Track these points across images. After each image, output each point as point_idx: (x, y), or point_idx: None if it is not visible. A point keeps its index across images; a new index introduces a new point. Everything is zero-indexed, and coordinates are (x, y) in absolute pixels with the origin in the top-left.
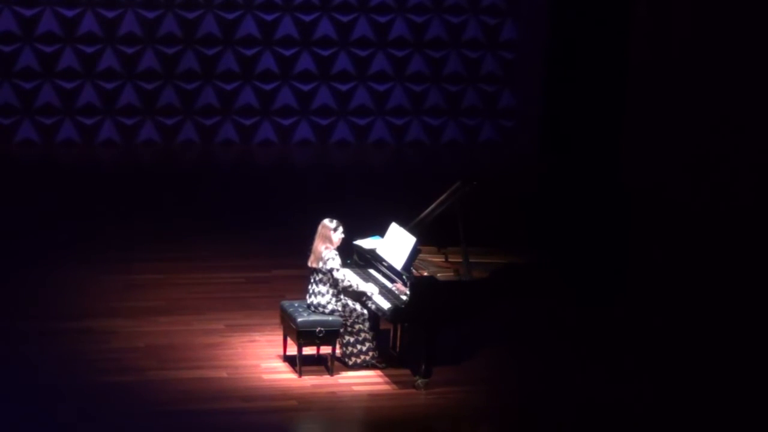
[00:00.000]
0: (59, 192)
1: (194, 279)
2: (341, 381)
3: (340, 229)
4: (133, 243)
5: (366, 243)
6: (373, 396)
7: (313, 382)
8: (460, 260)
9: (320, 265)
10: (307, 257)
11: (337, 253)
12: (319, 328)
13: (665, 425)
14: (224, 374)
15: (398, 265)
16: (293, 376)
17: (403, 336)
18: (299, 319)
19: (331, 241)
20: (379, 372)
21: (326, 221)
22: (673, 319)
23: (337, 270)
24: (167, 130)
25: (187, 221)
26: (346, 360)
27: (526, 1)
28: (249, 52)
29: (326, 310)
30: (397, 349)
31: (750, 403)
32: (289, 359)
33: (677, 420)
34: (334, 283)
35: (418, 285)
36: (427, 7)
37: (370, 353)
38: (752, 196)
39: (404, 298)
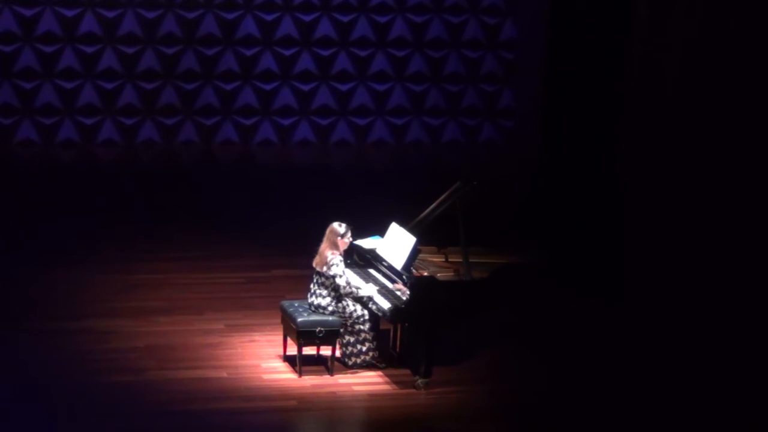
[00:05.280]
0: (59, 192)
1: (194, 279)
2: (341, 381)
3: (349, 234)
4: (133, 243)
5: (366, 243)
6: (373, 396)
7: (313, 382)
8: (460, 260)
9: (324, 269)
10: (310, 256)
11: (341, 259)
12: (319, 328)
13: (666, 424)
14: (224, 374)
15: (398, 265)
16: (293, 376)
17: (403, 336)
18: (299, 319)
19: (337, 247)
20: (379, 372)
21: (336, 226)
22: (671, 317)
23: (340, 276)
24: (167, 130)
25: (187, 221)
26: (346, 360)
27: (526, 1)
28: (249, 52)
29: (326, 311)
30: (397, 349)
31: (750, 401)
32: (289, 359)
33: (678, 419)
34: (336, 288)
35: (418, 285)
36: (427, 7)
37: (370, 353)
38: (750, 194)
39: (403, 297)
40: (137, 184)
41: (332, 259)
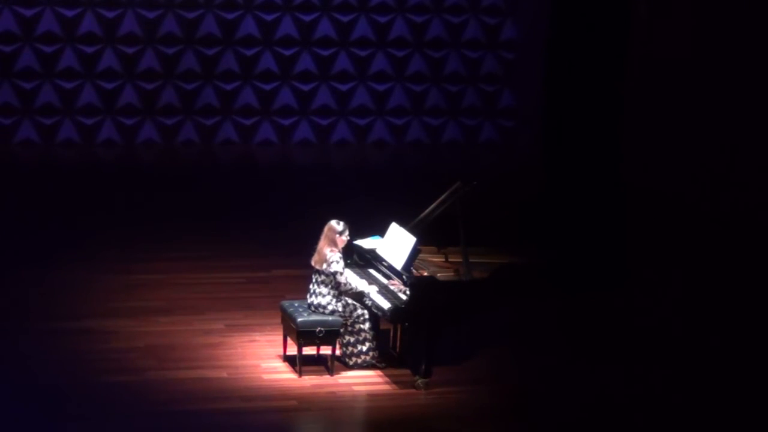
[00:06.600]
0: (59, 192)
1: (194, 279)
2: (341, 381)
3: (347, 232)
4: (133, 243)
5: (366, 243)
6: (373, 396)
7: (313, 382)
8: (460, 260)
9: (324, 266)
10: (310, 256)
11: (341, 256)
12: (319, 328)
13: (665, 424)
14: (224, 374)
15: (398, 265)
16: (293, 376)
17: (403, 336)
18: (299, 319)
19: (336, 244)
20: (379, 372)
21: (333, 223)
22: (672, 316)
23: (341, 273)
24: (167, 130)
25: (187, 221)
26: (346, 360)
27: (526, 1)
28: (249, 52)
29: (326, 311)
30: (397, 349)
31: (750, 400)
32: (289, 359)
33: (677, 419)
34: (336, 286)
35: (418, 285)
36: (427, 7)
37: (371, 353)
38: (750, 193)
39: (404, 297)
40: (137, 184)
41: (331, 257)
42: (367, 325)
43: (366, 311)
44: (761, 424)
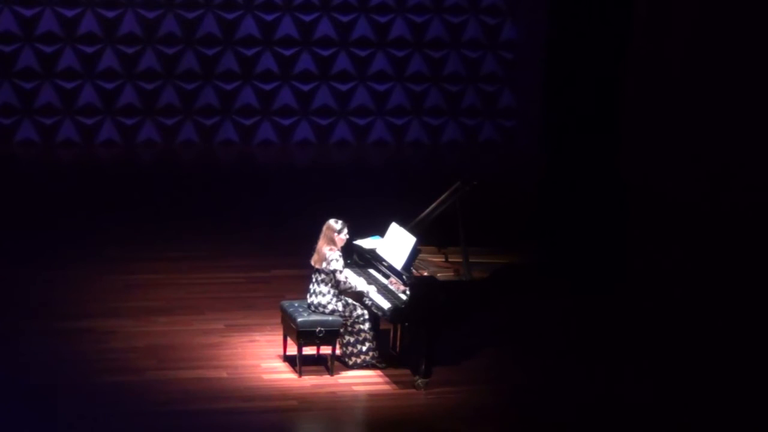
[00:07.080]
0: (59, 192)
1: (194, 279)
2: (341, 381)
3: (345, 230)
4: (133, 243)
5: (366, 243)
6: (373, 396)
7: (313, 382)
8: (460, 260)
9: (323, 265)
10: (310, 255)
11: (340, 254)
12: (319, 328)
13: (665, 424)
14: (224, 374)
15: (398, 265)
16: (293, 376)
17: (403, 336)
18: (299, 319)
19: (334, 243)
20: (379, 372)
21: (332, 222)
22: (672, 315)
23: (340, 272)
24: (167, 130)
25: (187, 221)
26: (346, 360)
27: (526, 1)
28: (249, 52)
29: (326, 310)
30: (397, 349)
31: (749, 399)
32: (289, 359)
33: (677, 419)
34: (336, 284)
35: (418, 285)
36: (427, 7)
37: (370, 353)
38: (751, 192)
39: (404, 297)
40: (137, 184)
41: (331, 255)
42: (367, 325)
43: (366, 311)
44: (761, 424)
